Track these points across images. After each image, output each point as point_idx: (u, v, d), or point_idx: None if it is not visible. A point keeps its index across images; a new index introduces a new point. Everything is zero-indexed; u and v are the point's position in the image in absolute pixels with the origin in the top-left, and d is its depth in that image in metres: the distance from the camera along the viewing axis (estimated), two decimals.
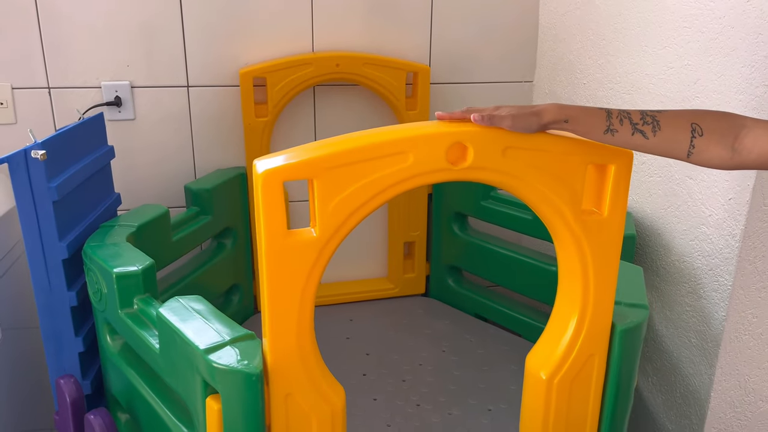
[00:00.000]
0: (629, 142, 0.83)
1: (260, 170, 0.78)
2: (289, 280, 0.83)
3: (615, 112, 0.83)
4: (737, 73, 1.13)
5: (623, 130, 0.83)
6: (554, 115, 0.83)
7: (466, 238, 1.83)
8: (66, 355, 1.26)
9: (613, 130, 0.83)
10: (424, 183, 0.84)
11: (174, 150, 1.70)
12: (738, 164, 0.83)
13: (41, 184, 1.16)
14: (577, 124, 0.83)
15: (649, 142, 0.83)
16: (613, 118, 0.83)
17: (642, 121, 0.83)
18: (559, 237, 0.92)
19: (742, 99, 1.12)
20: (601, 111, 0.83)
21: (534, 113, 0.83)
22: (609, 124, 0.83)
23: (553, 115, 0.83)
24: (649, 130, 0.83)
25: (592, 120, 0.83)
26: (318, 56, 1.68)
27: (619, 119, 0.83)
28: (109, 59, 1.60)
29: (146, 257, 1.15)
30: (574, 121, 0.83)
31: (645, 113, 0.84)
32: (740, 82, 1.13)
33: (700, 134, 0.82)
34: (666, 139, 0.83)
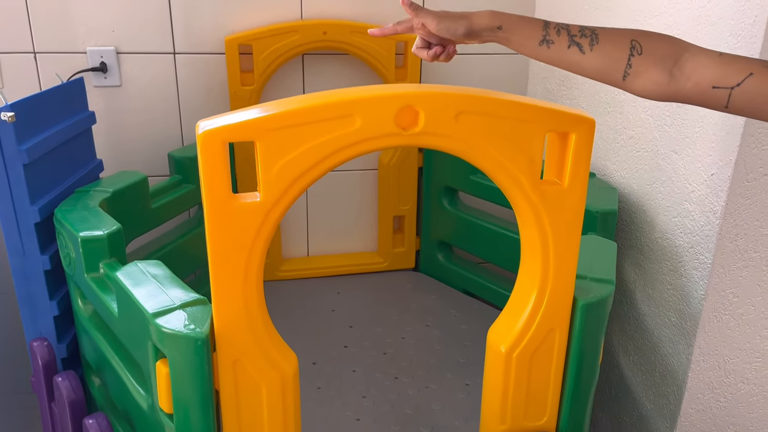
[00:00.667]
0: (564, 56, 0.78)
1: (200, 131, 0.76)
2: (233, 246, 0.81)
3: (553, 23, 0.78)
4: (724, 42, 1.08)
5: (559, 41, 0.77)
6: (487, 20, 0.78)
7: (456, 213, 1.80)
8: (41, 319, 1.27)
9: (549, 41, 0.77)
10: (373, 148, 0.81)
11: (160, 117, 1.69)
12: (674, 92, 0.76)
13: (11, 146, 1.15)
14: (510, 32, 0.78)
15: (585, 58, 0.77)
16: (551, 29, 0.77)
17: (580, 33, 0.77)
18: (518, 207, 0.89)
19: None
20: (539, 21, 0.78)
21: (463, 16, 0.79)
22: (545, 34, 0.77)
23: (485, 20, 0.78)
24: (587, 44, 0.77)
25: (528, 29, 0.78)
26: (305, 24, 1.65)
27: (557, 30, 0.77)
28: (95, 24, 1.59)
29: (114, 222, 1.15)
30: (507, 29, 0.78)
31: (585, 27, 0.78)
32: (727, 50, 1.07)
33: (638, 52, 0.76)
34: (603, 54, 0.76)
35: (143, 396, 1.00)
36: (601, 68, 0.78)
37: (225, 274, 0.83)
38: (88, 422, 1.04)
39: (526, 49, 0.79)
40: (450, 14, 0.79)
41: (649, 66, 0.76)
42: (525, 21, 0.78)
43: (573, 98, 1.63)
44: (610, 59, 0.77)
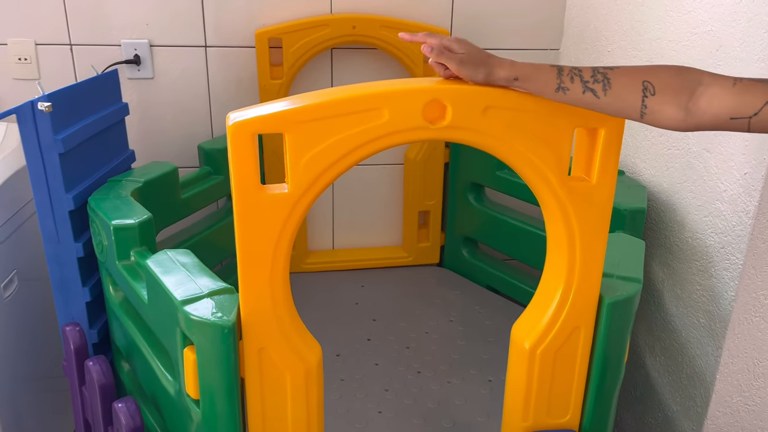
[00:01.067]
0: (581, 100, 0.79)
1: (231, 122, 0.77)
2: (261, 235, 0.83)
3: (566, 69, 0.79)
4: (759, 39, 1.06)
5: (574, 88, 0.78)
6: (505, 72, 0.80)
7: (482, 209, 1.80)
8: (73, 304, 1.31)
9: (564, 88, 0.78)
10: (400, 142, 0.82)
11: (191, 109, 1.72)
12: (693, 126, 0.76)
13: (47, 135, 1.19)
14: (527, 81, 0.80)
15: (600, 102, 0.78)
16: (564, 76, 0.79)
17: (593, 78, 0.78)
18: (545, 203, 0.89)
19: (763, 66, 1.05)
20: (552, 68, 0.79)
21: (485, 65, 0.81)
22: (560, 82, 0.78)
23: (503, 72, 0.80)
24: (600, 89, 0.78)
25: (543, 78, 0.79)
26: (334, 18, 1.65)
27: (570, 77, 0.78)
28: (129, 17, 1.62)
29: (145, 211, 1.17)
30: (524, 79, 0.80)
31: (597, 70, 0.78)
32: (762, 48, 1.05)
33: (652, 93, 0.76)
34: (617, 98, 0.77)
35: (170, 382, 1.02)
36: (617, 111, 0.79)
37: (252, 264, 0.84)
38: (118, 406, 1.07)
39: (545, 95, 0.81)
40: (470, 62, 0.81)
41: (664, 105, 0.76)
42: (539, 71, 0.80)
43: None
44: (625, 102, 0.77)
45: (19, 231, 1.41)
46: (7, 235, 1.36)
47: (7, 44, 1.59)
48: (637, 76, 0.77)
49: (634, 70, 0.78)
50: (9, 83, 1.62)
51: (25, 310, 1.43)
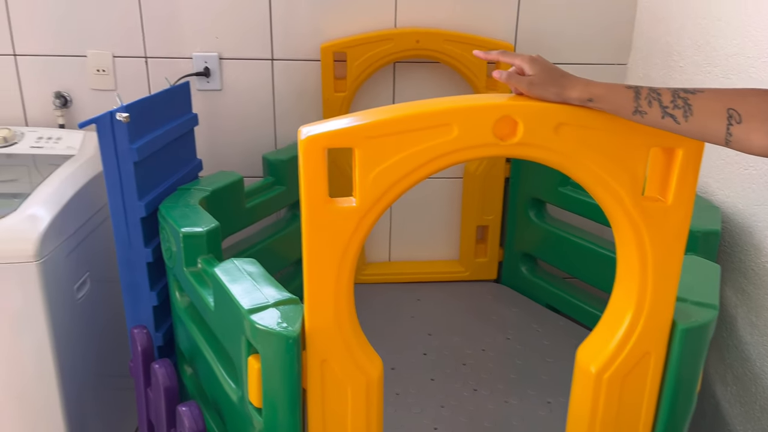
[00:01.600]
0: (660, 124, 0.76)
1: (303, 136, 0.79)
2: (328, 248, 0.83)
3: (644, 91, 0.76)
4: None
5: (652, 112, 0.75)
6: (578, 92, 0.78)
7: (543, 225, 1.77)
8: (141, 307, 1.35)
9: (642, 112, 0.76)
10: (470, 158, 0.81)
11: (256, 120, 1.76)
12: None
13: (124, 145, 1.24)
14: (602, 102, 0.77)
15: (680, 127, 0.75)
16: (642, 99, 0.76)
17: (673, 104, 0.75)
18: (616, 223, 0.86)
19: None
20: (629, 90, 0.77)
21: (557, 85, 0.79)
22: (637, 105, 0.76)
23: (578, 92, 0.78)
24: (680, 115, 0.74)
25: (619, 100, 0.76)
26: (398, 32, 1.67)
27: (648, 101, 0.75)
28: (201, 31, 1.67)
29: (213, 220, 1.21)
30: (599, 100, 0.77)
31: (677, 94, 0.75)
32: None
33: (737, 121, 0.72)
34: (699, 125, 0.74)
35: (233, 389, 1.04)
36: (699, 137, 0.76)
37: (318, 276, 0.85)
38: (182, 409, 1.10)
39: (620, 117, 0.78)
40: (542, 80, 0.79)
41: (751, 132, 0.72)
42: (615, 92, 0.77)
43: None
44: (708, 129, 0.74)
45: (92, 235, 1.48)
46: (81, 239, 1.42)
47: (87, 56, 1.67)
48: (722, 101, 0.74)
49: (717, 94, 0.75)
50: (87, 93, 1.70)
51: (95, 310, 1.49)
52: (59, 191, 1.37)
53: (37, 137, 1.60)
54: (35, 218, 1.27)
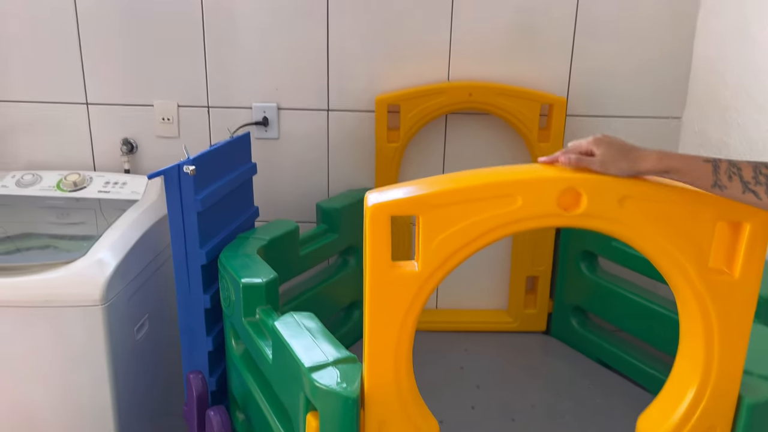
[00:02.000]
0: (740, 198, 0.76)
1: (370, 204, 0.81)
2: (390, 311, 0.85)
3: (723, 165, 0.76)
4: None
5: (732, 186, 0.75)
6: (652, 164, 0.78)
7: (594, 278, 1.74)
8: (197, 352, 1.39)
9: (722, 186, 0.76)
10: (533, 227, 0.82)
11: (311, 169, 1.81)
12: None
13: (189, 196, 1.29)
14: (679, 176, 0.77)
15: (762, 203, 0.75)
16: (721, 173, 0.76)
17: (754, 180, 0.75)
18: (681, 295, 0.85)
19: None
20: (707, 164, 0.77)
21: (628, 159, 0.79)
22: (716, 179, 0.76)
23: (651, 164, 0.78)
24: (763, 192, 0.74)
25: (697, 173, 0.77)
26: (451, 85, 1.70)
27: (728, 175, 0.76)
28: (261, 82, 1.74)
29: (271, 271, 1.24)
30: (675, 172, 0.77)
31: (759, 170, 0.75)
32: None
33: None
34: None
35: None
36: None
37: (379, 338, 0.86)
38: None
39: (699, 188, 0.79)
40: (613, 160, 0.79)
41: None
42: (692, 164, 0.77)
43: None
44: None
45: (153, 277, 1.53)
46: (143, 282, 1.47)
47: (154, 105, 1.75)
48: None
49: None
50: (152, 140, 1.78)
51: (152, 351, 1.53)
52: (124, 236, 1.44)
53: (105, 182, 1.68)
54: (102, 263, 1.33)
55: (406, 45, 1.72)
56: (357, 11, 1.69)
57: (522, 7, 1.69)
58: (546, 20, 1.70)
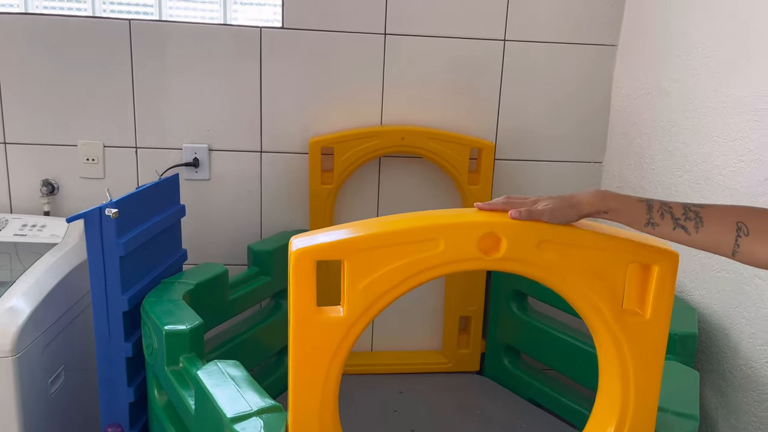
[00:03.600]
0: (670, 235, 0.81)
1: (294, 249, 0.81)
2: (315, 358, 0.84)
3: (656, 205, 0.82)
4: None
5: (664, 224, 0.81)
6: (593, 207, 0.82)
7: (525, 318, 1.78)
8: (117, 404, 1.32)
9: (654, 224, 0.81)
10: (455, 270, 0.84)
11: (243, 210, 1.79)
12: None
13: (111, 239, 1.24)
14: (617, 215, 0.82)
15: (691, 238, 0.80)
16: (654, 212, 0.81)
17: (684, 216, 0.80)
18: (597, 335, 0.88)
19: None
20: (642, 204, 0.82)
21: (572, 206, 0.83)
22: (649, 218, 0.81)
23: (592, 207, 0.82)
24: (692, 227, 0.80)
25: (632, 213, 0.82)
26: (384, 129, 1.73)
27: (660, 213, 0.81)
28: (192, 123, 1.72)
29: (196, 317, 1.20)
30: (613, 213, 0.82)
31: (688, 208, 0.81)
32: None
33: (745, 234, 0.78)
34: (709, 236, 0.80)
35: None
36: (708, 248, 0.81)
37: (304, 385, 0.85)
38: None
39: (633, 227, 0.84)
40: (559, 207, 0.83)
41: (757, 245, 0.78)
42: (628, 205, 0.82)
43: None
44: (717, 241, 0.80)
45: (70, 326, 1.46)
46: (59, 331, 1.40)
47: (77, 146, 1.70)
48: (731, 216, 0.79)
49: (726, 210, 0.81)
50: (75, 181, 1.72)
51: (68, 405, 1.44)
52: (40, 282, 1.36)
53: (22, 224, 1.60)
54: (14, 311, 1.25)
55: (340, 88, 1.74)
56: (290, 55, 1.71)
57: (453, 57, 1.76)
58: (475, 69, 1.77)
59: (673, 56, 1.51)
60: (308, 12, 1.69)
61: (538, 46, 1.77)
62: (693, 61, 1.42)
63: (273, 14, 1.72)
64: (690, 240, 0.81)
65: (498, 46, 1.76)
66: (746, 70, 1.25)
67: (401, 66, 1.75)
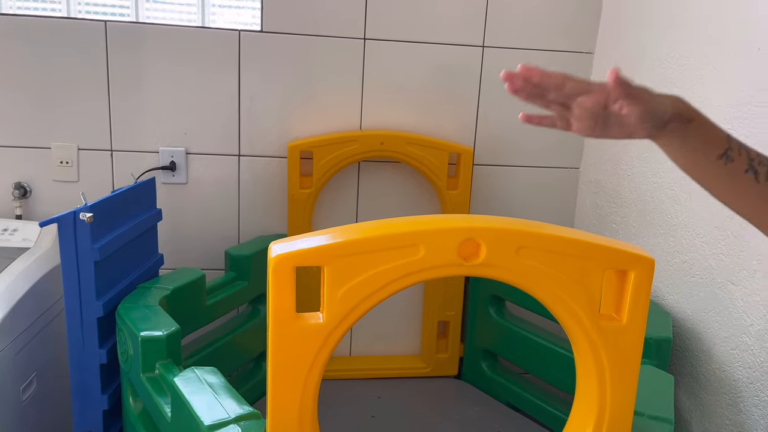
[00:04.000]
0: (739, 177, 0.73)
1: (273, 255, 0.80)
2: (294, 365, 0.83)
3: (735, 139, 0.74)
4: None
5: (739, 161, 0.73)
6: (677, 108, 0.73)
7: (503, 322, 1.79)
8: (91, 412, 1.29)
9: (730, 157, 0.73)
10: (435, 276, 0.84)
11: (220, 215, 1.77)
12: None
13: (86, 244, 1.22)
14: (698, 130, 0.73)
15: (759, 186, 0.73)
16: (733, 144, 0.73)
17: (759, 160, 0.73)
18: (575, 340, 0.89)
19: None
20: (723, 132, 0.74)
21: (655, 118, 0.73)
22: (728, 148, 0.73)
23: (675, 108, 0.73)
24: (763, 173, 0.73)
25: (714, 135, 0.74)
26: (364, 134, 1.73)
27: (738, 149, 0.73)
28: (169, 126, 1.70)
29: (173, 323, 1.19)
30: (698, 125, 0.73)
31: (762, 155, 0.74)
32: None
33: None
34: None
35: None
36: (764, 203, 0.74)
37: (283, 392, 0.84)
38: None
39: (701, 156, 0.74)
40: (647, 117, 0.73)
41: None
42: (713, 125, 0.74)
43: (623, 216, 1.64)
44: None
45: (43, 332, 1.43)
46: (32, 337, 1.37)
47: (51, 148, 1.67)
48: None
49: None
50: (49, 184, 1.69)
51: (41, 413, 1.42)
52: (11, 287, 1.34)
53: None
54: None
55: (319, 93, 1.74)
56: (269, 58, 1.70)
57: (432, 62, 1.76)
58: (454, 75, 1.78)
59: (648, 64, 1.53)
60: (287, 16, 1.68)
61: (516, 53, 1.79)
62: (667, 68, 1.45)
63: (252, 17, 1.71)
64: (756, 188, 0.73)
65: (477, 52, 1.78)
66: (718, 78, 1.28)
67: (381, 71, 1.75)
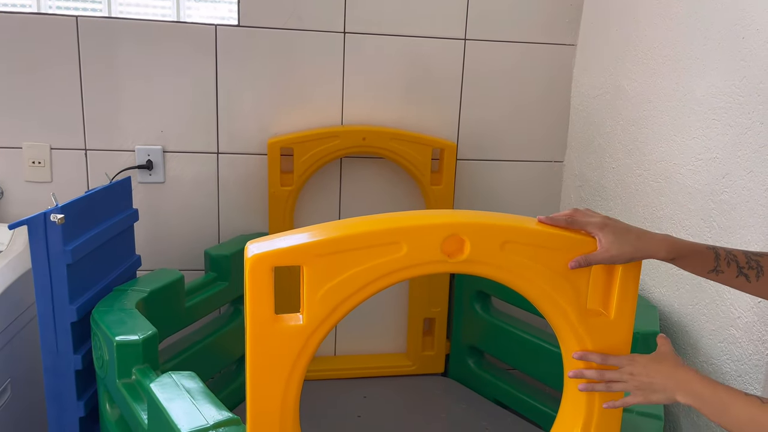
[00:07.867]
0: (731, 282, 0.84)
1: (250, 255, 0.77)
2: (273, 368, 0.80)
3: (723, 253, 0.84)
4: (767, 168, 1.08)
5: (729, 271, 0.84)
6: (662, 254, 0.83)
7: (488, 318, 1.77)
8: (67, 419, 1.25)
9: (719, 271, 0.84)
10: (418, 274, 0.81)
11: (200, 214, 1.73)
12: None
13: (57, 246, 1.18)
14: (683, 263, 0.84)
15: (751, 286, 0.84)
16: (721, 260, 0.83)
17: (747, 264, 0.83)
18: (562, 337, 0.87)
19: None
20: (710, 252, 0.84)
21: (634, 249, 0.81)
22: (716, 265, 0.83)
23: (661, 254, 0.83)
24: (753, 275, 0.83)
25: (700, 260, 0.84)
26: (345, 129, 1.70)
27: (727, 261, 0.83)
28: (145, 124, 1.66)
29: (150, 326, 1.15)
30: (680, 260, 0.83)
31: (749, 257, 0.84)
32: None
33: None
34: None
35: None
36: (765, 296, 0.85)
37: (263, 397, 0.81)
38: None
39: (696, 273, 0.86)
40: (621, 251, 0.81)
41: None
42: (697, 253, 0.84)
43: (608, 209, 1.63)
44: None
45: (16, 338, 1.38)
46: (4, 343, 1.32)
47: (22, 148, 1.62)
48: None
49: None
50: (21, 185, 1.63)
51: (14, 421, 1.37)
52: None
53: None
54: None
55: (299, 88, 1.70)
56: (247, 53, 1.66)
57: (414, 56, 1.74)
58: (436, 69, 1.76)
59: (631, 56, 1.52)
60: (265, 9, 1.65)
61: (498, 46, 1.77)
62: (651, 60, 1.44)
63: (228, 11, 1.67)
64: (749, 287, 0.84)
65: (459, 45, 1.75)
66: (702, 70, 1.26)
67: (362, 65, 1.72)
